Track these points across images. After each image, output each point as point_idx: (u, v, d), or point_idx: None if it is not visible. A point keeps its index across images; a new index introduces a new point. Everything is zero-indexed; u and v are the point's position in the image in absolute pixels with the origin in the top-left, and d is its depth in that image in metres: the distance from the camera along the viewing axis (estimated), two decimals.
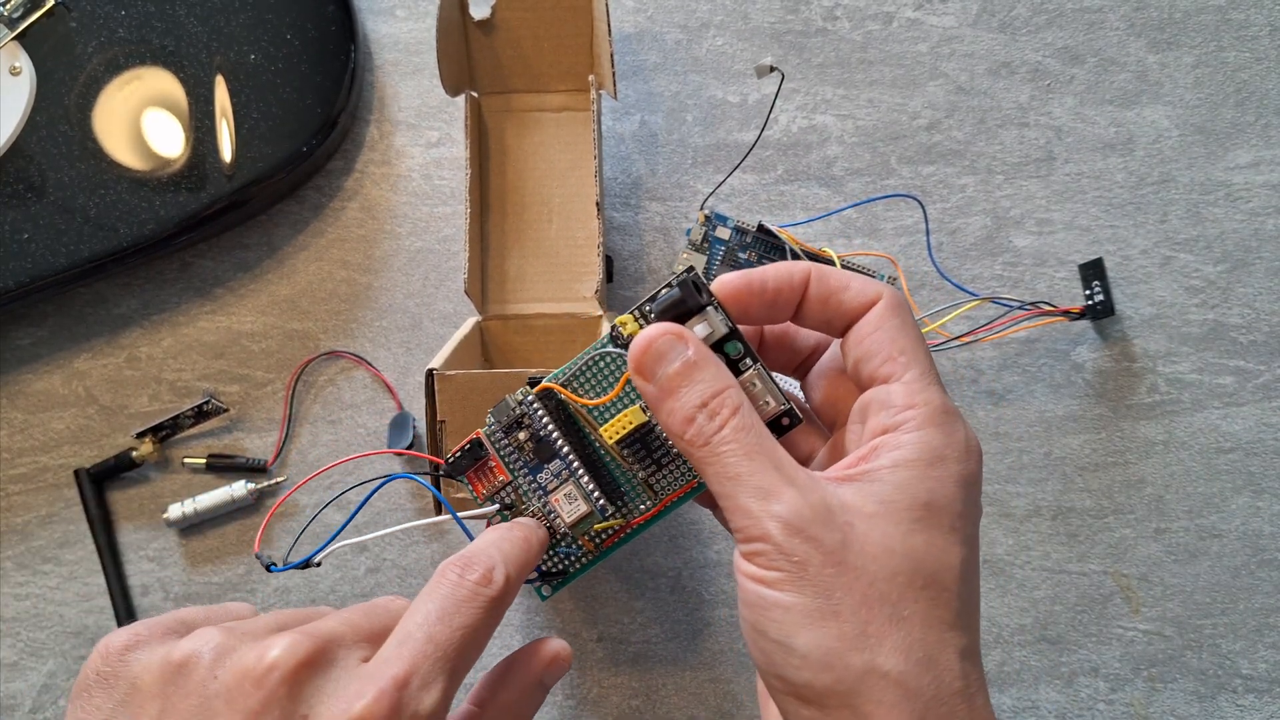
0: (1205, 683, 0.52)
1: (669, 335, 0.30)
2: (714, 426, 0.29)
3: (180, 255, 0.57)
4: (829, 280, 0.31)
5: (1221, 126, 0.57)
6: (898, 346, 0.30)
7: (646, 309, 0.32)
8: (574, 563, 0.34)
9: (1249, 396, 0.54)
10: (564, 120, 0.56)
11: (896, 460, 0.28)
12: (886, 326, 0.30)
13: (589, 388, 0.32)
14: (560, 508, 0.32)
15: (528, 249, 0.55)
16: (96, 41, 0.53)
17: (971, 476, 0.29)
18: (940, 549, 0.27)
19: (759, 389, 0.31)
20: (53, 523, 0.55)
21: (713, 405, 0.29)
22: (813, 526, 0.27)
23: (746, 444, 0.28)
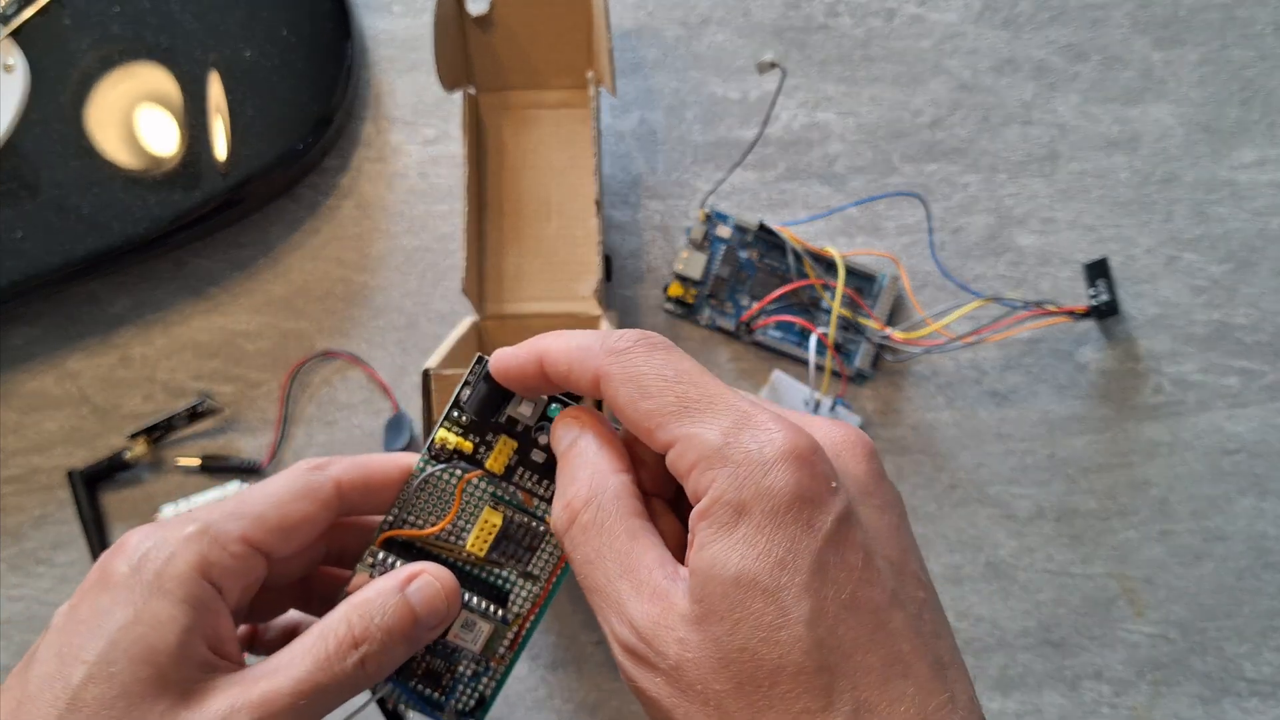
0: (1210, 686, 0.52)
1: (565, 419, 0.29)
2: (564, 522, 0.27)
3: (174, 254, 0.56)
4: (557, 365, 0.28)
5: (1227, 125, 0.56)
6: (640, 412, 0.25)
7: (456, 416, 0.30)
8: (490, 684, 0.31)
9: (1254, 397, 0.54)
10: (562, 117, 0.56)
11: (699, 541, 0.24)
12: (622, 403, 0.26)
13: (427, 512, 0.31)
14: (463, 641, 0.30)
15: (526, 248, 0.54)
16: (90, 38, 0.53)
17: (782, 500, 0.23)
18: (770, 627, 0.23)
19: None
20: (45, 524, 0.54)
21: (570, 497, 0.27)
22: (648, 649, 0.24)
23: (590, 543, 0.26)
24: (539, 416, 0.30)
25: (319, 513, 0.29)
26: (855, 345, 0.54)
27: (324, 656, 0.27)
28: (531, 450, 0.31)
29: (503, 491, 0.31)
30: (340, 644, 0.27)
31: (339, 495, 0.30)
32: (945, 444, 0.54)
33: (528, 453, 0.31)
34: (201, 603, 0.27)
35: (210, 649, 0.27)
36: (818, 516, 0.23)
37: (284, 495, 0.29)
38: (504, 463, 0.31)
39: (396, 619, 0.28)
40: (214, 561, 0.27)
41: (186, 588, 0.26)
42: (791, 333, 0.54)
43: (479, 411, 0.30)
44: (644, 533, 0.26)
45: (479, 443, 0.31)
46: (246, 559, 0.28)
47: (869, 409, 0.54)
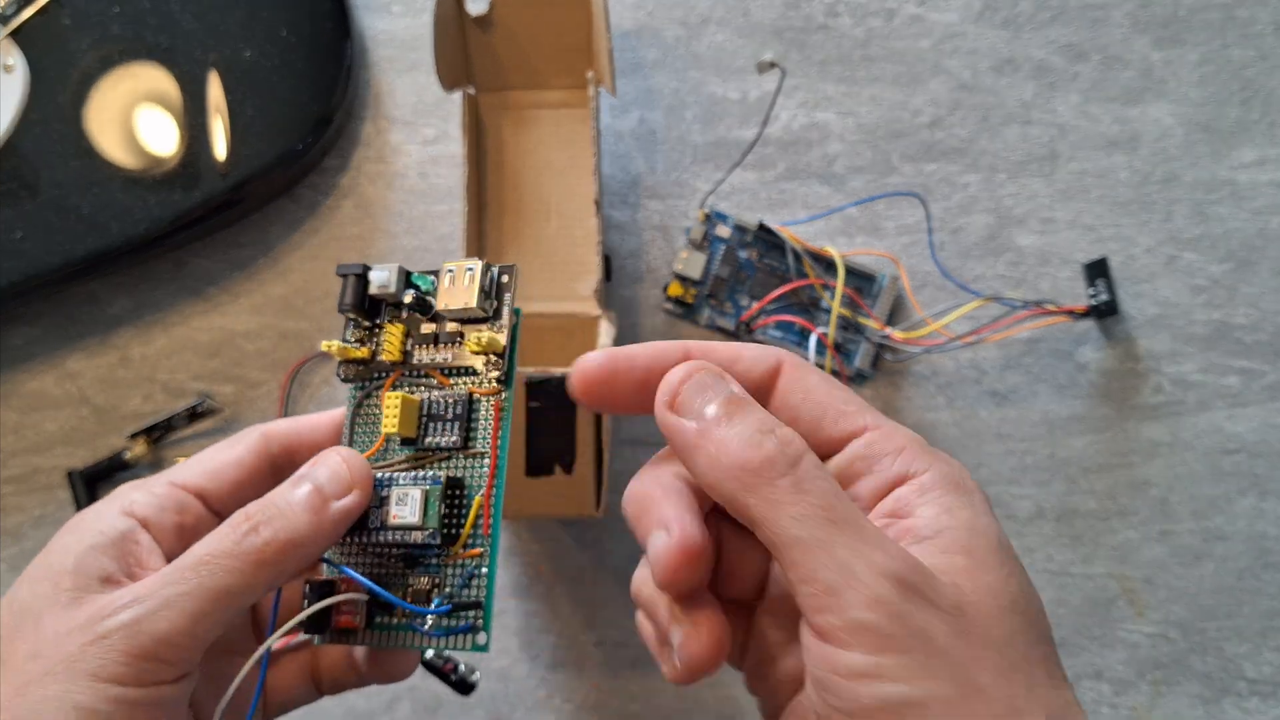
0: (1210, 686, 0.52)
1: (706, 370, 0.25)
2: (792, 453, 0.23)
3: (174, 254, 0.56)
4: (716, 354, 0.26)
5: (1226, 124, 0.56)
6: (839, 398, 0.26)
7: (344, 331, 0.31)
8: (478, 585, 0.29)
9: (1254, 397, 0.54)
10: (562, 117, 0.56)
11: (941, 506, 0.24)
12: (811, 383, 0.26)
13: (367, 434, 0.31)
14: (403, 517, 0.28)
15: (525, 248, 0.54)
16: (90, 38, 0.53)
17: (983, 498, 0.25)
18: (1028, 587, 0.24)
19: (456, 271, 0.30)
20: (45, 524, 0.54)
21: (781, 435, 0.24)
22: (926, 585, 0.22)
23: (834, 488, 0.23)
24: (402, 282, 0.30)
25: (243, 455, 0.30)
26: (855, 345, 0.54)
27: (216, 535, 0.26)
28: (420, 325, 0.31)
29: (414, 384, 0.30)
30: (233, 522, 0.26)
31: (264, 441, 0.31)
32: (945, 444, 0.53)
33: (417, 328, 0.31)
34: (115, 530, 0.27)
35: (125, 573, 0.27)
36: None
37: (212, 449, 0.31)
38: (398, 348, 0.31)
39: (291, 487, 0.27)
40: (136, 500, 0.28)
41: (100, 521, 0.27)
42: (791, 332, 0.54)
43: (354, 305, 0.30)
44: None
45: (374, 345, 0.31)
46: (170, 496, 0.29)
47: None
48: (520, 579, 0.53)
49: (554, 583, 0.53)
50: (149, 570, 0.27)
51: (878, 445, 0.25)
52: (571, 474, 0.43)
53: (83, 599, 0.25)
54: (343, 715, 0.52)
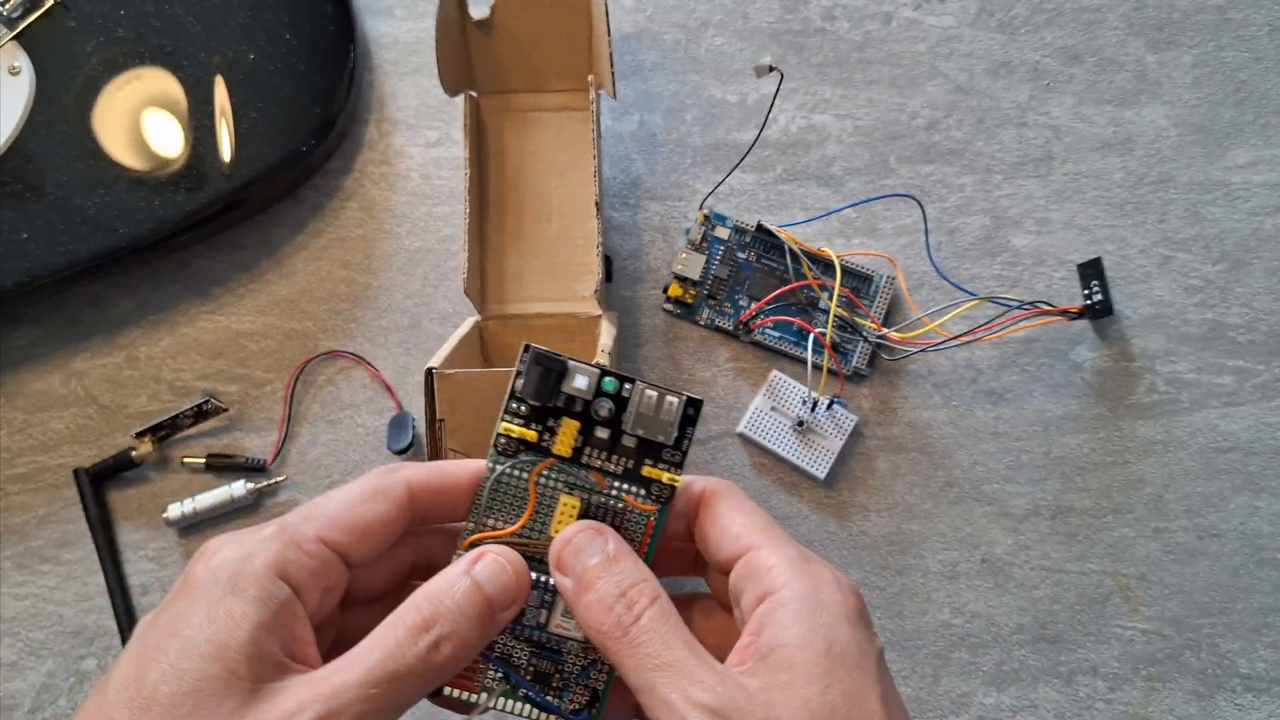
0: (1204, 682, 0.52)
1: (588, 530, 0.30)
2: (632, 616, 0.28)
3: (179, 255, 0.57)
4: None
5: (1220, 126, 0.57)
6: (738, 522, 0.31)
7: (515, 406, 0.31)
8: (599, 677, 0.32)
9: (1248, 396, 0.54)
10: (563, 120, 0.56)
11: (783, 622, 0.28)
12: (720, 511, 0.31)
13: (506, 511, 0.31)
14: (567, 630, 0.31)
15: (527, 249, 0.55)
16: (95, 41, 0.53)
17: (855, 611, 0.29)
18: (856, 695, 0.27)
19: (654, 396, 0.31)
20: (52, 522, 0.55)
21: (631, 594, 0.29)
22: (735, 711, 0.26)
23: (664, 633, 0.28)
24: (595, 390, 0.31)
25: (391, 512, 0.30)
26: (852, 345, 0.54)
27: (394, 644, 0.27)
28: (594, 428, 0.31)
29: (574, 477, 0.32)
30: (410, 629, 0.27)
31: (410, 496, 0.30)
32: (941, 442, 0.54)
33: (591, 430, 0.31)
34: (276, 601, 0.26)
35: (285, 650, 0.27)
36: (873, 634, 0.29)
37: (356, 497, 0.30)
38: (570, 444, 0.31)
39: (466, 598, 0.28)
40: (290, 559, 0.27)
41: (261, 585, 0.26)
42: (789, 332, 0.55)
43: (536, 394, 0.31)
44: (689, 632, 0.29)
45: (542, 430, 0.31)
46: (322, 558, 0.28)
47: (866, 408, 0.55)
48: None
49: None
50: (307, 651, 0.27)
51: (753, 564, 0.30)
52: None
53: (260, 692, 0.25)
54: None
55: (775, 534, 0.30)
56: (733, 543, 0.30)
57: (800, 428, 0.53)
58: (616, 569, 0.29)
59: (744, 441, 0.54)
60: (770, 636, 0.28)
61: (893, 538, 0.54)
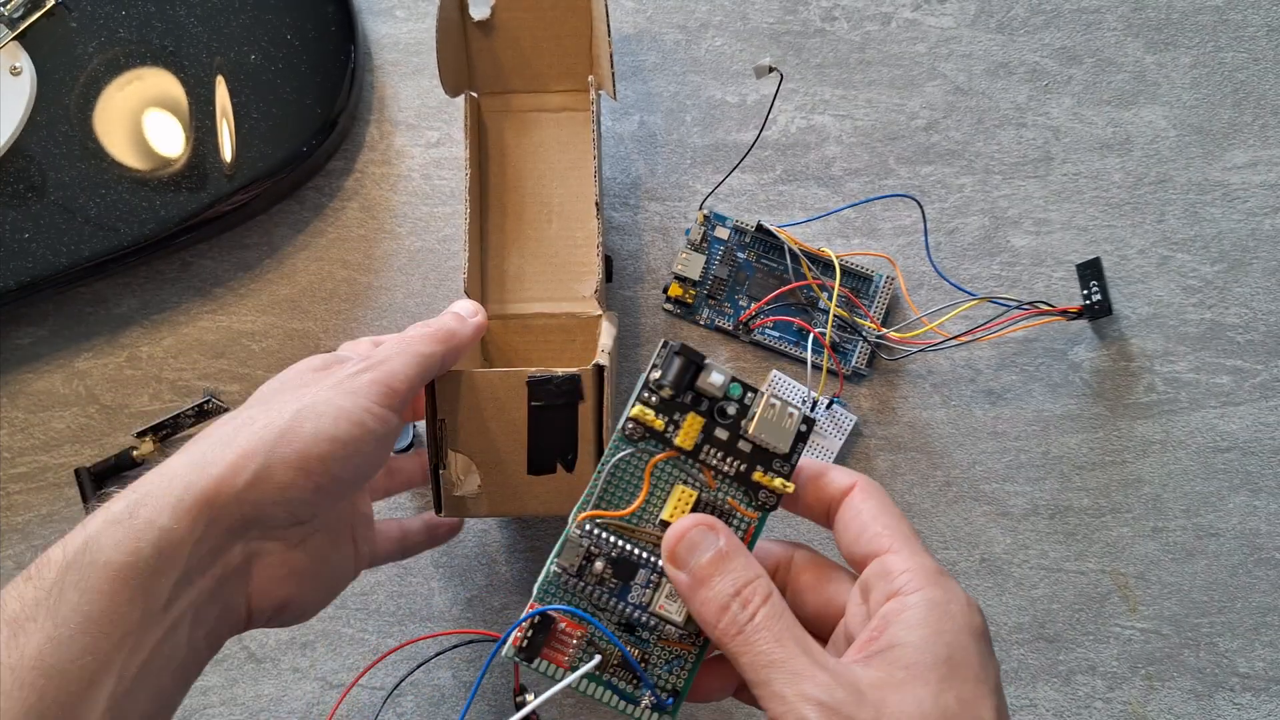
0: (1202, 681, 0.52)
1: (701, 526, 0.31)
2: (747, 615, 0.29)
3: (181, 255, 0.57)
4: (815, 465, 0.34)
5: (1219, 127, 0.57)
6: (880, 523, 0.32)
7: (648, 397, 0.32)
8: (681, 674, 0.33)
9: (1246, 396, 0.54)
10: (563, 120, 0.57)
11: (909, 623, 0.29)
12: (867, 507, 0.32)
13: (618, 494, 0.33)
14: (670, 612, 0.32)
15: (527, 249, 0.55)
16: (97, 42, 0.53)
17: (980, 629, 0.30)
18: (971, 703, 0.28)
19: (778, 405, 0.32)
20: (53, 522, 0.55)
21: (745, 594, 0.30)
22: (846, 706, 0.27)
23: (777, 631, 0.29)
24: (725, 390, 0.32)
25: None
26: (852, 344, 0.54)
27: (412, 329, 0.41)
28: (716, 428, 0.33)
29: (687, 473, 0.33)
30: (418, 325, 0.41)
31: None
32: (940, 442, 0.54)
33: (712, 429, 0.33)
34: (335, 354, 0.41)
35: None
36: (995, 661, 0.30)
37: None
38: (693, 439, 0.33)
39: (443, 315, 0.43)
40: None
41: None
42: (789, 332, 0.55)
43: (674, 384, 0.32)
44: (802, 627, 0.30)
45: (668, 422, 0.33)
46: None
47: (865, 407, 0.55)
48: (523, 575, 0.54)
49: None
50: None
51: (888, 565, 0.30)
52: (573, 472, 0.43)
53: (330, 367, 0.38)
54: (347, 709, 0.53)
55: (915, 543, 0.31)
56: (872, 540, 0.31)
57: None
58: (730, 566, 0.30)
59: None
60: (894, 634, 0.29)
61: None
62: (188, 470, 0.32)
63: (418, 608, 0.53)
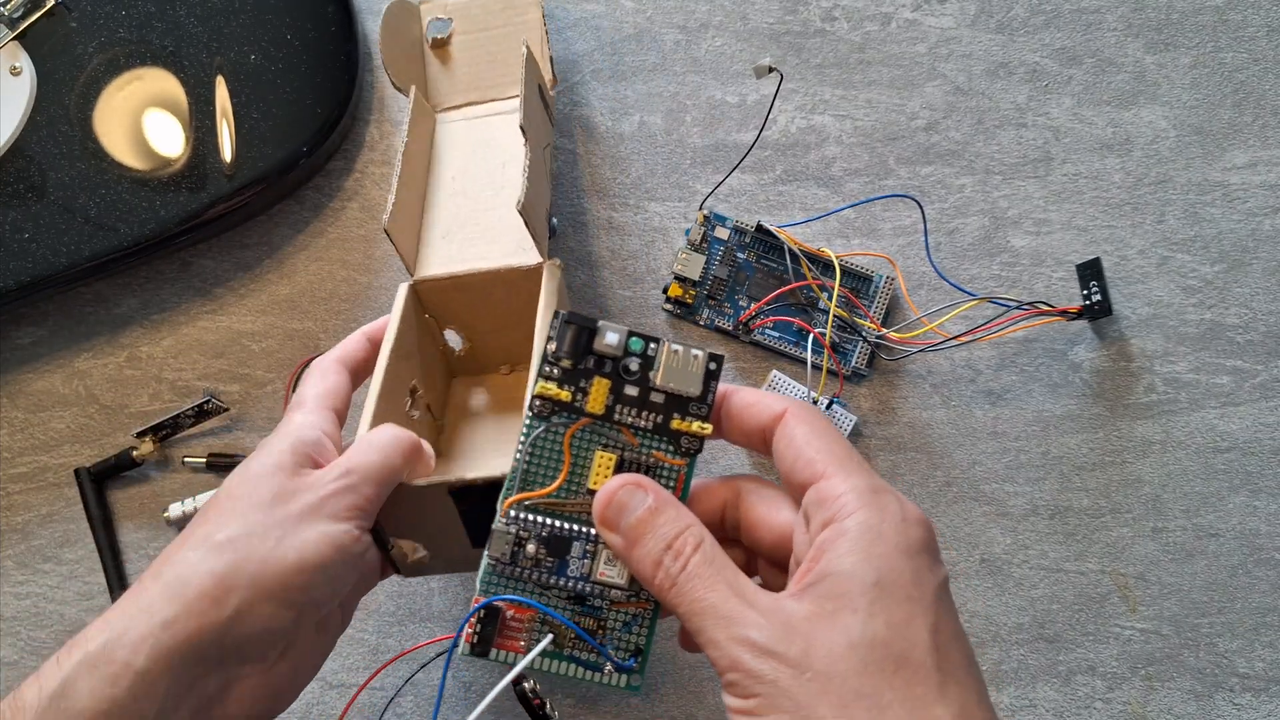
0: (1202, 681, 0.52)
1: (627, 486, 0.31)
2: (679, 566, 0.30)
3: (180, 255, 0.57)
4: (743, 396, 0.33)
5: (1219, 127, 0.57)
6: (814, 447, 0.31)
7: (549, 371, 0.32)
8: (641, 632, 0.33)
9: (1246, 396, 0.54)
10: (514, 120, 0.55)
11: (841, 550, 0.28)
12: (800, 432, 0.31)
13: (542, 472, 0.33)
14: (611, 577, 0.32)
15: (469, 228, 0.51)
16: (97, 42, 0.53)
17: (916, 543, 0.29)
18: (902, 625, 0.27)
19: (680, 351, 0.32)
20: (53, 522, 0.55)
21: (676, 546, 0.30)
22: (777, 644, 0.27)
23: (708, 577, 0.29)
24: (624, 348, 0.32)
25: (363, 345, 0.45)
26: (851, 345, 0.54)
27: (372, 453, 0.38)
28: (624, 386, 0.32)
29: (606, 436, 0.33)
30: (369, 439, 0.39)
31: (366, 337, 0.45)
32: (940, 442, 0.54)
33: (621, 388, 0.32)
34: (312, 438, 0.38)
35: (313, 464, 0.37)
36: (936, 566, 0.29)
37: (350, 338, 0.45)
38: (603, 402, 0.32)
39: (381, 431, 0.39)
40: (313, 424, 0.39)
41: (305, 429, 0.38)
42: (789, 333, 0.55)
43: (570, 354, 0.32)
44: (736, 568, 0.30)
45: (575, 391, 0.32)
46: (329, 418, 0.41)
47: (865, 408, 0.55)
48: None
49: None
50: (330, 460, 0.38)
51: (822, 491, 0.30)
52: None
53: (301, 473, 0.36)
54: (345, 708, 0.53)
55: (850, 462, 0.31)
56: (807, 466, 0.31)
57: None
58: (660, 521, 0.31)
59: None
60: (827, 564, 0.28)
61: None
62: (165, 603, 0.32)
63: (418, 608, 0.53)
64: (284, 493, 0.35)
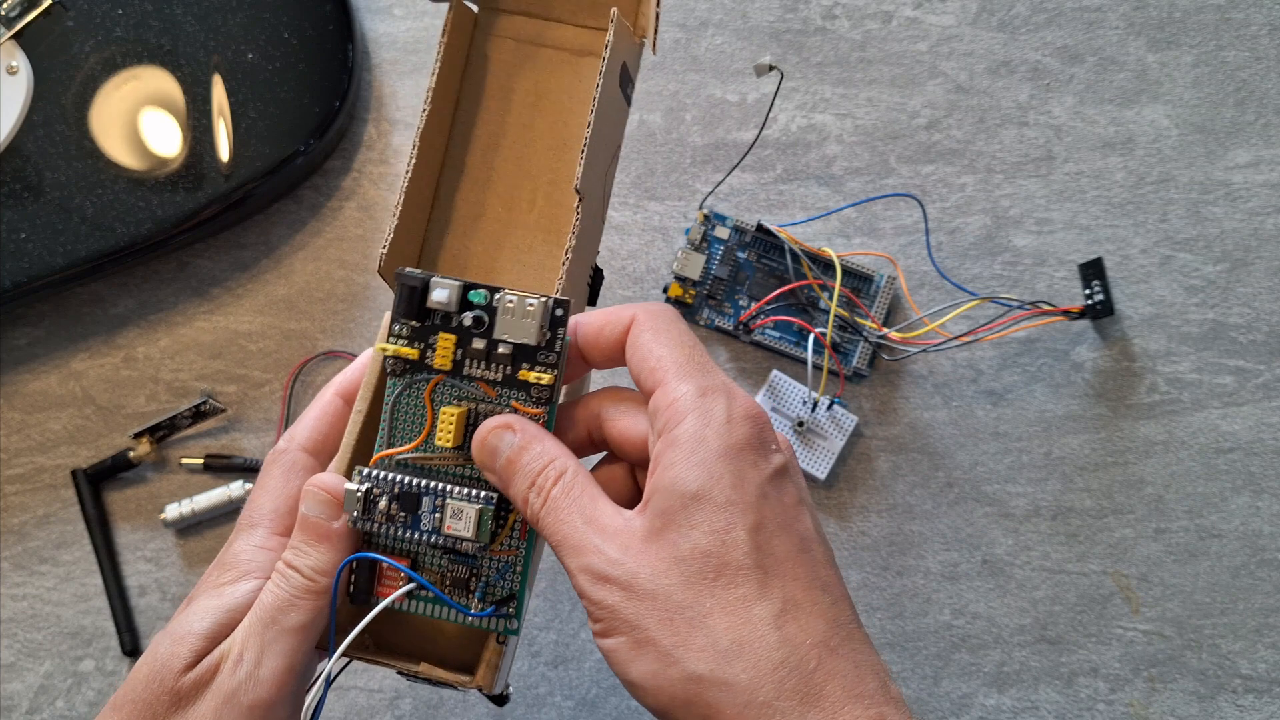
0: (1205, 683, 0.52)
1: (496, 429, 0.31)
2: (540, 501, 0.30)
3: (177, 255, 0.57)
4: (591, 322, 0.32)
5: (1221, 126, 0.57)
6: (655, 355, 0.31)
7: (399, 330, 0.32)
8: (512, 579, 0.33)
9: (1249, 396, 0.54)
10: (585, 68, 0.40)
11: (668, 462, 0.29)
12: (643, 339, 0.31)
13: (408, 429, 0.33)
14: (458, 530, 0.31)
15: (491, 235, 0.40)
16: (94, 41, 0.53)
17: (739, 442, 0.29)
18: (720, 530, 0.28)
19: (515, 299, 0.31)
20: (50, 523, 0.55)
21: (539, 482, 0.30)
22: (611, 569, 0.28)
23: (564, 509, 0.30)
24: (460, 303, 0.32)
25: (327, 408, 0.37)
26: (853, 345, 0.54)
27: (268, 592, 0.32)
28: (471, 339, 0.32)
29: (463, 390, 0.33)
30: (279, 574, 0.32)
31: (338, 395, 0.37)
32: (942, 442, 0.54)
33: (468, 341, 0.32)
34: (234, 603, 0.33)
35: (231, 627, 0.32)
36: (763, 460, 0.29)
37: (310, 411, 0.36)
38: (450, 357, 0.32)
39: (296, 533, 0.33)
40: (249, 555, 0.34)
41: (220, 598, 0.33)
42: (789, 332, 0.54)
43: (406, 313, 0.32)
44: (598, 494, 0.30)
45: (424, 348, 0.32)
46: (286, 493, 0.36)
47: (866, 408, 0.54)
48: None
49: (554, 580, 0.54)
50: None
51: (658, 400, 0.30)
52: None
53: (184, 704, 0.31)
54: (344, 711, 0.52)
55: (689, 365, 0.30)
56: (649, 375, 0.30)
57: (800, 428, 0.53)
58: (525, 459, 0.31)
59: None
60: (657, 478, 0.29)
61: (893, 538, 0.53)
62: None
63: None
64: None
